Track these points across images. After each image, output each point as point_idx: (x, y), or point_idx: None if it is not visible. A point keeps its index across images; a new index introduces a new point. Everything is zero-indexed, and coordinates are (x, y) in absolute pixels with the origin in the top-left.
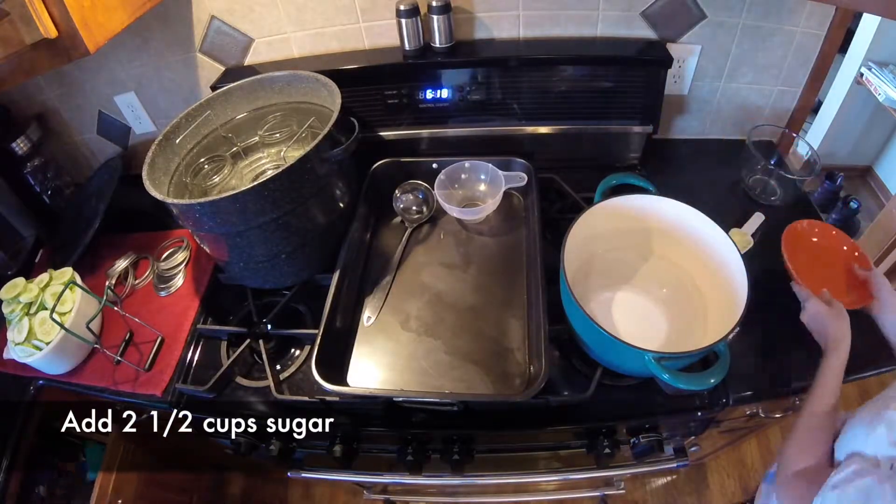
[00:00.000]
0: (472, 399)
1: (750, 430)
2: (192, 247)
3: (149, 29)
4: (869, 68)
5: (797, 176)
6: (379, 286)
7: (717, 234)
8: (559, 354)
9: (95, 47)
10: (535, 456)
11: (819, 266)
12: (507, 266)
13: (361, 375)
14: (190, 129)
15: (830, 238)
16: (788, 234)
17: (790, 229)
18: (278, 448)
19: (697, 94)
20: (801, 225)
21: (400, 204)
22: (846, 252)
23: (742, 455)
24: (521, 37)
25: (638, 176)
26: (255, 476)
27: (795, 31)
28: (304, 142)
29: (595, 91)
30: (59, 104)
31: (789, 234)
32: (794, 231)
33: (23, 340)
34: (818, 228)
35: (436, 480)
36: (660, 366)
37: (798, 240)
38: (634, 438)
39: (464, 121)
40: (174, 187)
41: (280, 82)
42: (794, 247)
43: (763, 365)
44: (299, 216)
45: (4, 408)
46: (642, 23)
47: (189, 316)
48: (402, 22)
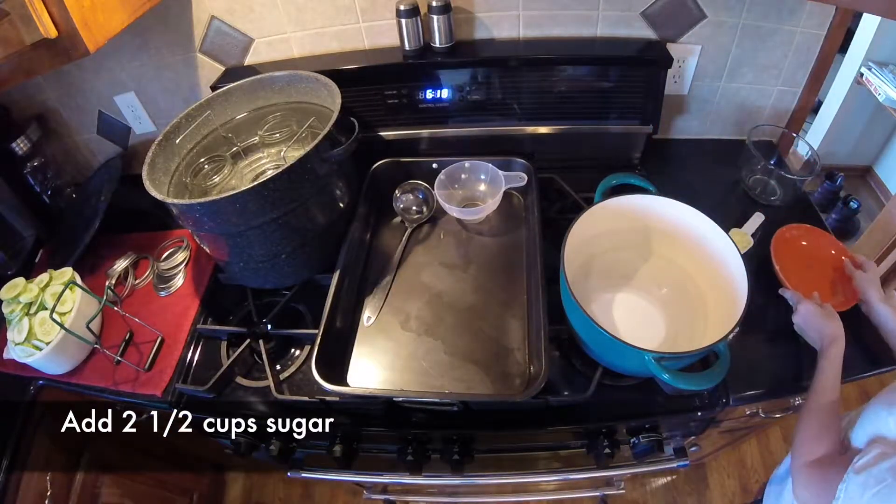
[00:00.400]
0: (472, 399)
1: (750, 430)
2: (192, 247)
3: (149, 29)
4: (869, 68)
5: (797, 176)
6: (379, 286)
7: (717, 234)
8: (559, 354)
9: (95, 47)
10: (535, 456)
11: (808, 270)
12: (507, 266)
13: (361, 375)
14: (190, 129)
15: (819, 242)
16: (778, 240)
17: (779, 235)
18: (278, 448)
19: (697, 94)
20: (791, 231)
21: (400, 204)
22: (834, 256)
23: (742, 455)
24: (521, 37)
25: (638, 176)
26: (255, 476)
27: (795, 31)
28: (304, 142)
29: (595, 91)
30: (59, 104)
31: (778, 239)
32: (782, 237)
33: (23, 340)
34: (807, 232)
35: (436, 480)
36: (660, 366)
37: (787, 245)
38: (634, 438)
39: (464, 121)
40: (174, 187)
41: (280, 82)
42: (783, 252)
43: (763, 365)
44: (299, 216)
45: (4, 408)
46: (642, 23)
47: (189, 316)
48: (402, 22)
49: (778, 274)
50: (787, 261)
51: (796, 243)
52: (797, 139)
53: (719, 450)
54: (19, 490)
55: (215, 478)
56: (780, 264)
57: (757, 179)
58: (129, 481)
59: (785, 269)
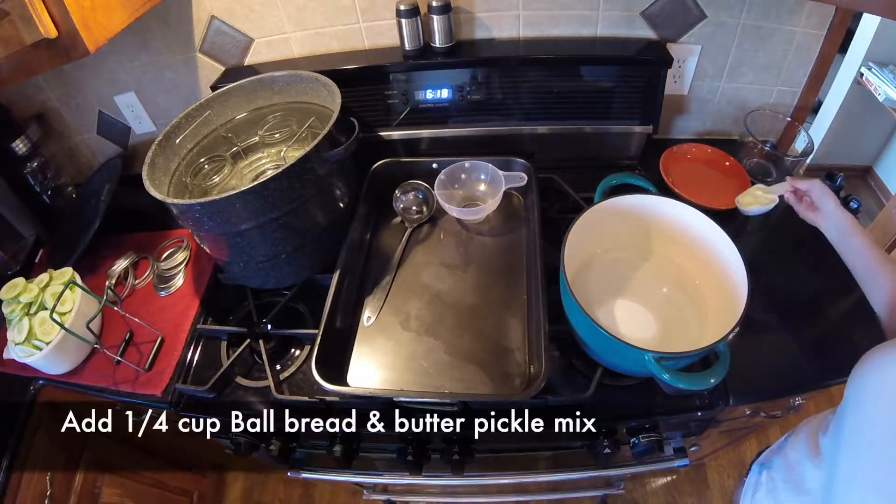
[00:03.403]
0: (472, 399)
1: (750, 430)
2: (192, 247)
3: (149, 29)
4: (869, 68)
5: (793, 157)
6: (379, 286)
7: (718, 234)
8: (559, 354)
9: (95, 47)
10: (535, 456)
11: (700, 179)
12: (507, 266)
13: (361, 375)
14: (190, 129)
15: (706, 154)
16: (666, 157)
17: (667, 153)
18: (278, 448)
19: (697, 93)
20: (681, 148)
21: (400, 204)
22: (728, 167)
23: (742, 455)
24: (521, 37)
25: (638, 176)
26: (255, 476)
27: (795, 31)
28: (304, 142)
29: (595, 91)
30: (59, 104)
31: (667, 156)
32: (670, 154)
33: (23, 340)
34: (693, 148)
35: (436, 480)
36: (660, 366)
37: (676, 160)
38: (634, 438)
39: (464, 121)
40: (174, 187)
41: (280, 82)
42: (672, 167)
43: (763, 365)
44: (299, 216)
45: (4, 408)
46: (642, 23)
47: (189, 316)
48: (402, 22)
49: (671, 187)
50: (676, 174)
51: (683, 157)
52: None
53: (719, 450)
54: (19, 490)
55: (215, 478)
56: (668, 177)
57: (755, 163)
58: (129, 481)
59: (677, 181)
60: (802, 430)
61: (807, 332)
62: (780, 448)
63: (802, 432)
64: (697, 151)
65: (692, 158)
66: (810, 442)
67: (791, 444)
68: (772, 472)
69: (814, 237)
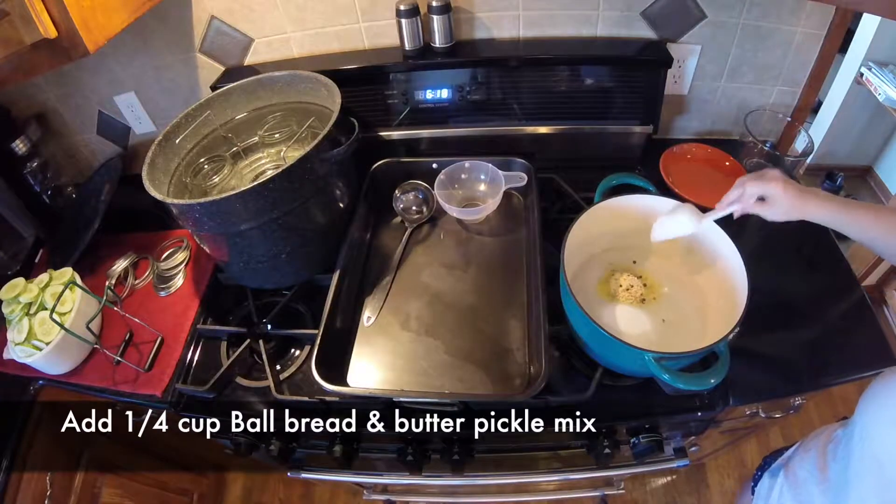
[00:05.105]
0: (472, 399)
1: (750, 430)
2: (192, 247)
3: (149, 29)
4: (869, 68)
5: (793, 157)
6: (379, 286)
7: (718, 234)
8: (559, 354)
9: (95, 47)
10: (535, 456)
11: (700, 179)
12: (507, 266)
13: (361, 375)
14: (190, 129)
15: (706, 154)
16: (666, 157)
17: (667, 153)
18: (278, 448)
19: (697, 94)
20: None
21: (400, 204)
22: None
23: (742, 455)
24: (521, 37)
25: (638, 176)
26: (255, 476)
27: (795, 31)
28: (304, 142)
29: (595, 91)
30: (59, 104)
31: (667, 156)
32: (670, 154)
33: (23, 340)
34: (694, 148)
35: (436, 480)
36: (660, 366)
37: (676, 160)
38: (634, 438)
39: (464, 121)
40: (174, 187)
41: (280, 82)
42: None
43: (763, 365)
44: (299, 216)
45: (4, 408)
46: (642, 23)
47: (189, 316)
48: (401, 22)
49: (671, 187)
50: (677, 174)
51: (683, 158)
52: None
53: (719, 450)
54: (19, 490)
55: (215, 478)
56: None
57: (755, 163)
58: (129, 481)
59: (678, 181)
60: (811, 445)
61: (807, 333)
62: (789, 461)
63: (812, 449)
64: (697, 151)
65: (692, 158)
66: (819, 462)
67: (799, 461)
68: (780, 486)
69: (814, 238)
